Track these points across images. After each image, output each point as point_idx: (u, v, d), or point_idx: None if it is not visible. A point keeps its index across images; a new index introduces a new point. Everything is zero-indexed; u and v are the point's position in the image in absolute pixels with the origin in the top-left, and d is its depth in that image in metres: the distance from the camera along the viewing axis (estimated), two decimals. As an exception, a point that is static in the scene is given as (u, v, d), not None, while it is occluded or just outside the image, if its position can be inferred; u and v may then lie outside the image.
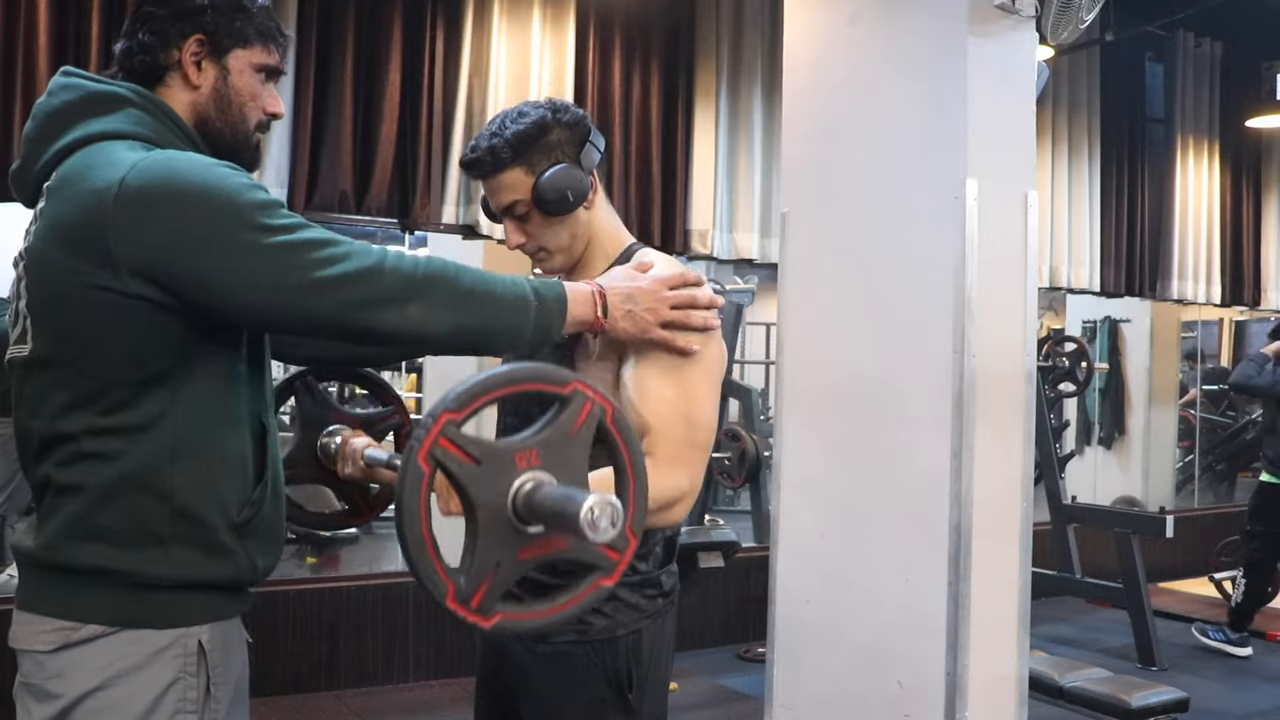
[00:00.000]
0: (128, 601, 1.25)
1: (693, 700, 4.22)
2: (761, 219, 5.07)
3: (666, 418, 1.42)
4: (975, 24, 2.46)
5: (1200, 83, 6.59)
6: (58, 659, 1.24)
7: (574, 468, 1.05)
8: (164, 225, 1.20)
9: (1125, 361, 7.75)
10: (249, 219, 1.21)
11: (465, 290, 1.27)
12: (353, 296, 1.21)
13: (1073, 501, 5.38)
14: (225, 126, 1.38)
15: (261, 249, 1.20)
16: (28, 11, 3.54)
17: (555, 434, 1.04)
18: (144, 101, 1.32)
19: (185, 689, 1.27)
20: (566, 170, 1.49)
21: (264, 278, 1.20)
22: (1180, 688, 3.39)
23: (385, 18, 4.21)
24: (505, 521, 1.02)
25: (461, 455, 1.00)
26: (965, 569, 2.41)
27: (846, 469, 2.69)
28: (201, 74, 1.36)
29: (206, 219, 1.20)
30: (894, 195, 2.61)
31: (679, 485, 1.41)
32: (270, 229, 1.21)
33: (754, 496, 6.02)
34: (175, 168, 1.23)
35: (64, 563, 1.26)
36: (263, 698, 3.83)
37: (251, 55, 1.38)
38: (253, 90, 1.39)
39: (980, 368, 2.44)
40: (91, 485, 1.25)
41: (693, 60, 4.99)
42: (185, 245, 1.20)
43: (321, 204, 4.04)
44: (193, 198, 1.21)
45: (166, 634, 1.27)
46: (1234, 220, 6.89)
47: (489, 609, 1.03)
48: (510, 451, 1.02)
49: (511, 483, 1.01)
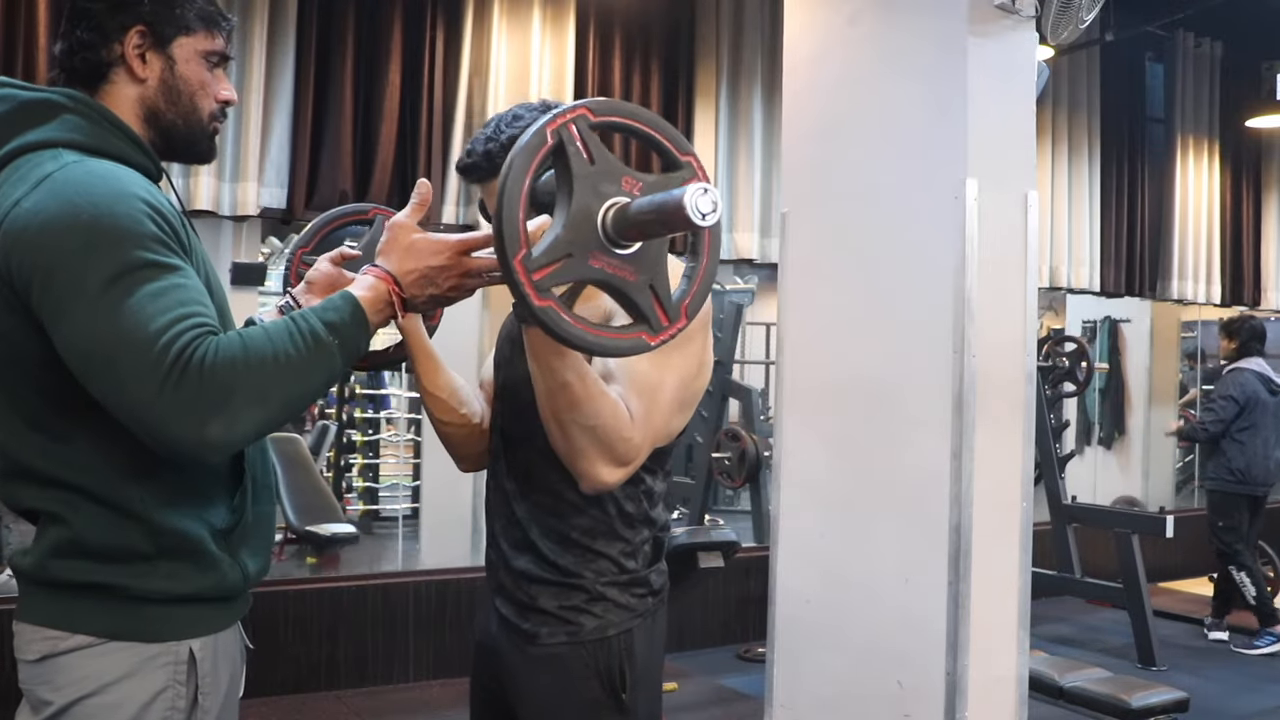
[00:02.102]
0: (118, 614, 1.24)
1: (693, 700, 4.22)
2: (761, 219, 5.08)
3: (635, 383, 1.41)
4: (975, 24, 2.46)
5: (1200, 83, 6.59)
6: (45, 667, 1.24)
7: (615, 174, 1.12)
8: (36, 249, 1.16)
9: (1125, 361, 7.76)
10: (118, 268, 1.14)
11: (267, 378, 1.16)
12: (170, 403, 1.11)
13: (1073, 501, 5.38)
14: (178, 118, 1.34)
15: (103, 315, 1.13)
16: (28, 12, 3.54)
17: (660, 182, 1.14)
18: (78, 106, 1.27)
19: (174, 697, 1.26)
20: None
21: (96, 348, 1.13)
22: (1180, 688, 3.39)
23: (385, 18, 4.22)
24: (592, 224, 1.10)
25: (582, 146, 1.09)
26: (965, 569, 2.41)
27: (846, 469, 2.69)
28: (147, 66, 1.31)
29: (72, 254, 1.15)
30: (894, 195, 2.61)
31: (631, 439, 1.39)
32: (129, 290, 1.13)
33: (754, 496, 6.02)
34: (67, 193, 1.17)
35: (53, 579, 1.24)
36: (263, 698, 3.84)
37: (196, 42, 1.34)
38: (201, 78, 1.35)
39: (980, 368, 2.44)
40: (67, 511, 1.23)
41: (693, 60, 4.99)
42: (45, 277, 1.15)
43: (321, 204, 4.04)
44: (69, 225, 1.15)
45: (157, 644, 1.26)
46: (1234, 220, 6.89)
47: (544, 289, 1.10)
48: (620, 171, 1.11)
49: (610, 195, 1.10)
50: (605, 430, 1.36)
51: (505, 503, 1.56)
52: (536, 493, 1.52)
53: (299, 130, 4.02)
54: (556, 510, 1.50)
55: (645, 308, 1.12)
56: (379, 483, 7.11)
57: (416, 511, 6.26)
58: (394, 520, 6.36)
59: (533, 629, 1.51)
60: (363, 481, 7.06)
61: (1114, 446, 7.79)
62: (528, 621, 1.52)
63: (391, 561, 6.01)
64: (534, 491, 1.52)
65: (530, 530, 1.52)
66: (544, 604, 1.51)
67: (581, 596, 1.50)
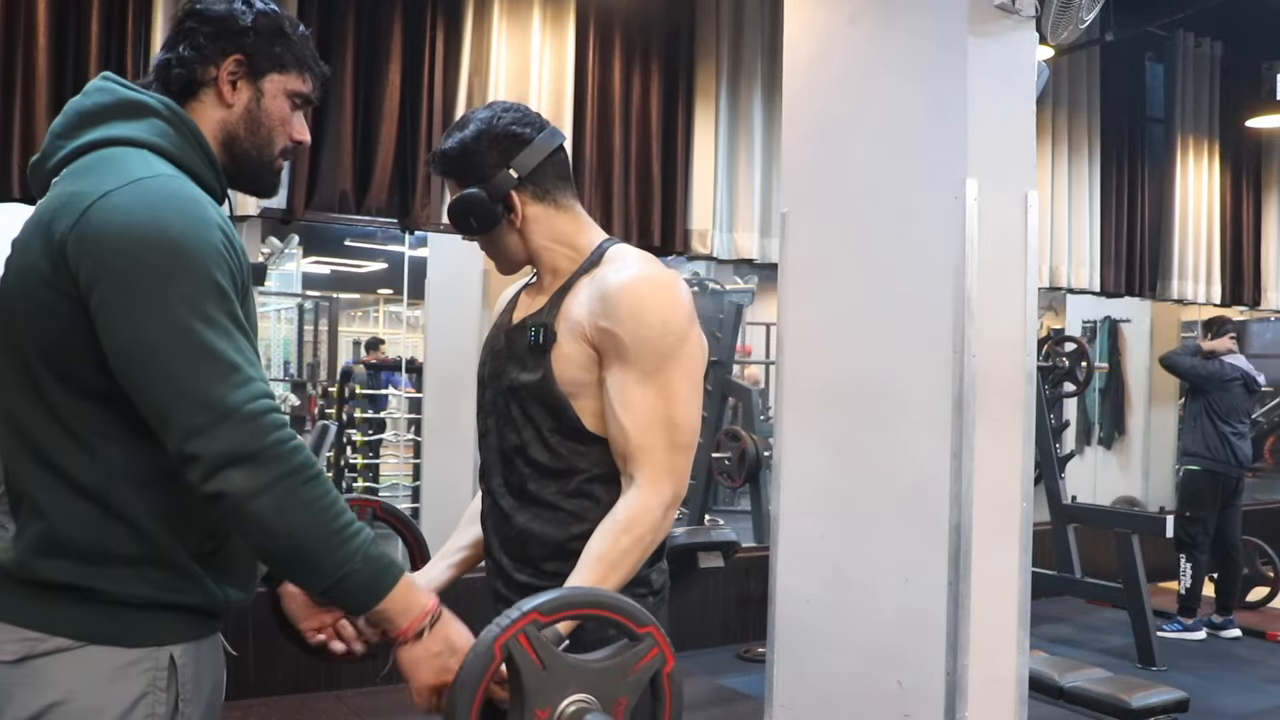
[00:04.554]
0: (98, 617, 1.23)
1: (693, 700, 4.22)
2: (761, 219, 5.07)
3: (648, 426, 1.44)
4: (975, 24, 2.46)
5: (1200, 83, 6.59)
6: (23, 669, 1.22)
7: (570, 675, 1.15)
8: (116, 251, 1.17)
9: (1125, 361, 7.76)
10: (196, 296, 1.18)
11: (298, 497, 1.18)
12: (223, 439, 1.15)
13: (1073, 501, 5.38)
14: (253, 148, 1.38)
15: (182, 329, 1.16)
16: (27, 12, 3.54)
17: (616, 666, 1.17)
18: (170, 114, 1.31)
19: (154, 704, 1.25)
20: (470, 197, 1.51)
21: (163, 357, 1.16)
22: (1180, 688, 3.39)
23: (385, 18, 4.21)
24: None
25: (533, 656, 1.12)
26: (965, 569, 2.41)
27: (846, 469, 2.69)
28: (236, 93, 1.36)
29: (154, 268, 1.17)
30: (894, 195, 2.61)
31: (663, 499, 1.43)
32: (207, 319, 1.17)
33: (754, 496, 6.02)
34: (159, 205, 1.20)
35: (34, 577, 1.23)
36: (263, 698, 3.83)
37: (287, 81, 1.39)
38: (283, 115, 1.39)
39: (980, 368, 2.44)
40: (56, 504, 1.23)
41: (693, 60, 4.99)
42: (120, 279, 1.17)
43: (321, 204, 4.05)
44: (157, 240, 1.18)
45: (137, 649, 1.25)
46: (1234, 220, 6.89)
47: None
48: (572, 669, 1.14)
49: (563, 699, 1.14)
50: (651, 531, 1.43)
51: (503, 518, 1.55)
52: (534, 505, 1.51)
53: (299, 130, 4.02)
54: (556, 520, 1.50)
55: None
56: (379, 483, 7.11)
57: (416, 512, 6.26)
58: (394, 520, 6.35)
59: None
60: (363, 481, 7.06)
61: (1114, 446, 7.78)
62: (528, 623, 1.52)
63: (391, 561, 6.00)
64: (531, 505, 1.52)
65: (529, 544, 1.52)
66: None
67: None
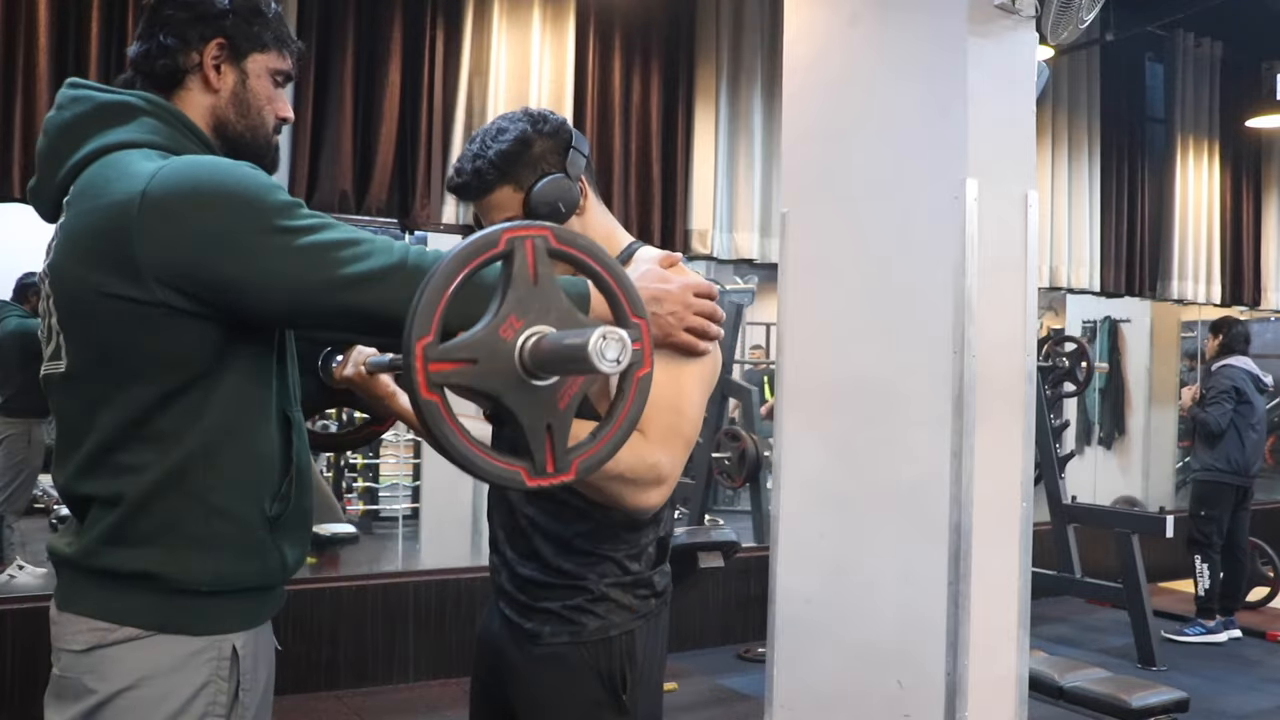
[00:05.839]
0: (166, 607, 1.27)
1: (693, 700, 4.22)
2: (761, 219, 5.08)
3: (656, 404, 1.40)
4: (975, 24, 2.46)
5: (1200, 83, 6.60)
6: (91, 657, 1.26)
7: (555, 306, 1.05)
8: (190, 231, 1.20)
9: (1125, 361, 7.76)
10: (273, 221, 1.21)
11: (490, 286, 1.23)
12: (376, 294, 1.20)
13: (1073, 501, 5.38)
14: (245, 130, 1.39)
15: (287, 250, 1.20)
16: (28, 12, 3.54)
17: (520, 288, 1.04)
18: (156, 109, 1.32)
19: (216, 692, 1.29)
20: (555, 182, 1.48)
21: (290, 279, 1.20)
22: (1180, 688, 3.39)
23: (385, 18, 4.22)
24: (529, 389, 1.03)
25: (457, 366, 1.00)
26: (965, 569, 2.41)
27: (846, 469, 2.69)
28: (221, 78, 1.37)
29: (231, 222, 1.20)
30: (894, 195, 2.61)
31: (659, 463, 1.40)
32: (294, 230, 1.21)
33: (754, 496, 6.02)
34: (197, 173, 1.23)
35: (103, 567, 1.27)
36: (263, 698, 3.84)
37: (268, 60, 1.40)
38: (268, 94, 1.41)
39: (980, 368, 2.44)
40: (130, 495, 1.26)
41: (693, 60, 4.99)
42: (212, 249, 1.20)
43: (321, 204, 4.04)
44: (216, 202, 1.21)
45: (203, 638, 1.28)
46: (1234, 220, 6.90)
47: (565, 464, 1.05)
48: (494, 332, 1.02)
49: (512, 354, 1.02)
50: (630, 470, 1.36)
51: (509, 511, 1.56)
52: (540, 500, 1.52)
53: (299, 130, 4.02)
54: (560, 516, 1.51)
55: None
56: (379, 483, 7.12)
57: (416, 511, 6.26)
58: (394, 520, 6.36)
59: (535, 628, 1.52)
60: (363, 481, 7.07)
61: (1114, 446, 7.79)
62: (531, 621, 1.53)
63: (391, 561, 6.01)
64: (537, 499, 1.52)
65: (534, 538, 1.52)
66: (547, 605, 1.51)
67: (584, 596, 1.50)
